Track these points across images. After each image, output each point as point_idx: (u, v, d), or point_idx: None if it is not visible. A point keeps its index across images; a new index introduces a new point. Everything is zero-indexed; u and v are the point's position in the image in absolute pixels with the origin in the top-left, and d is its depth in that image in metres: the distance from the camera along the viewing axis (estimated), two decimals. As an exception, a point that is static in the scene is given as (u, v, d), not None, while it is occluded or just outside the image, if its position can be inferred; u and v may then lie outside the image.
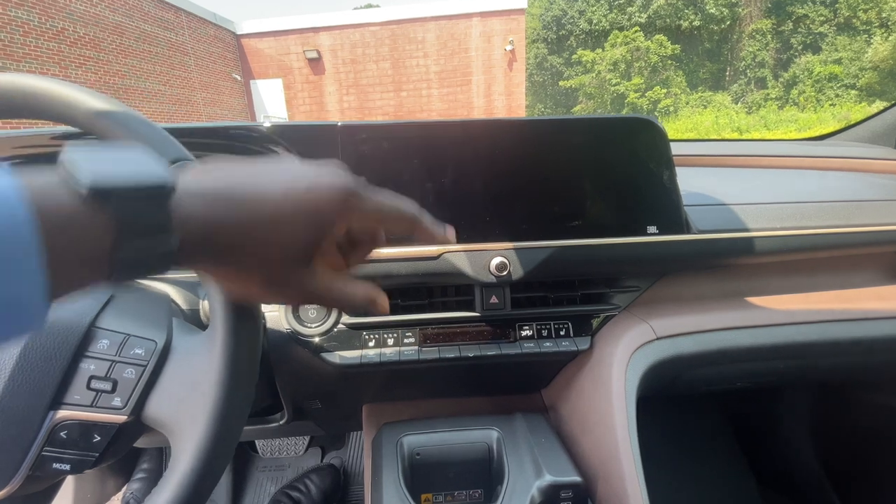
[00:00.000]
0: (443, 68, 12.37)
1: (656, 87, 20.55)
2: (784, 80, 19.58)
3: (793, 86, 19.05)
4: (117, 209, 0.22)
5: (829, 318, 0.69)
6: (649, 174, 0.63)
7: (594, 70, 21.95)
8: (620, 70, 21.20)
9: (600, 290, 0.69)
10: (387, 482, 0.58)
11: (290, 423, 0.77)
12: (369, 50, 12.37)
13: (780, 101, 19.22)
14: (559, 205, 0.62)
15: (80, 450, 0.40)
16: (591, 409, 0.63)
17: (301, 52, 12.37)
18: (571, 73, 23.98)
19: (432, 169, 0.60)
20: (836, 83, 17.83)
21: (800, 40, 19.77)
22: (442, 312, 0.66)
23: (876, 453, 0.99)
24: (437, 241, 0.37)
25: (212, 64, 11.11)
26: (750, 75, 21.20)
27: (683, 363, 0.66)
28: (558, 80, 24.95)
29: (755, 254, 0.66)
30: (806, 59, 19.07)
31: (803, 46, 19.73)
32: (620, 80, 21.10)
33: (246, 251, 0.27)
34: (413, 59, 12.37)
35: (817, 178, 0.86)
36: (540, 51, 26.36)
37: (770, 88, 20.13)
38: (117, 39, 8.43)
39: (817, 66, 18.27)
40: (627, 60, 21.03)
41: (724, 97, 20.39)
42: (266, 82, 12.64)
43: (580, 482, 0.56)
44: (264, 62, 12.46)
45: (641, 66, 20.97)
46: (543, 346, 0.65)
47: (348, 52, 12.43)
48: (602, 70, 21.48)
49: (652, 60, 20.77)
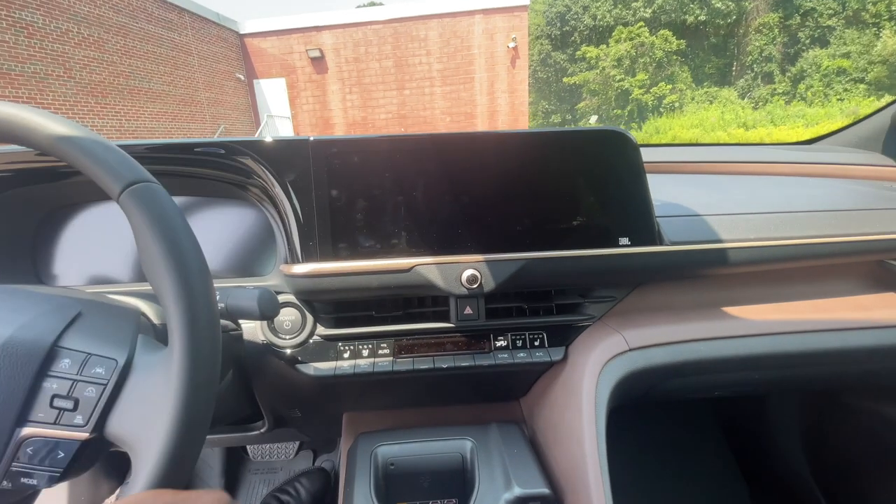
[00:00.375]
0: (445, 66, 12.34)
1: (661, 82, 20.37)
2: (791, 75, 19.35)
3: (800, 80, 18.81)
4: None
5: (806, 329, 0.69)
6: (621, 186, 0.63)
7: (598, 66, 21.79)
8: (625, 66, 21.04)
9: (575, 301, 0.69)
10: (357, 493, 0.59)
11: (271, 430, 0.78)
12: (372, 48, 12.36)
13: (787, 95, 18.99)
14: (531, 217, 0.62)
15: (47, 466, 0.41)
16: (563, 419, 0.64)
17: (304, 51, 12.39)
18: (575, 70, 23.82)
19: (403, 182, 0.61)
20: (844, 77, 17.57)
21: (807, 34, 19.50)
22: (417, 323, 0.67)
23: (863, 457, 0.99)
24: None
25: (215, 64, 11.16)
26: (756, 70, 20.97)
27: (656, 374, 0.66)
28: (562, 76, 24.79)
29: (728, 265, 0.66)
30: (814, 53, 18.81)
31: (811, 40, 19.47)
32: (625, 76, 20.93)
33: None
34: (416, 58, 12.35)
35: (798, 186, 0.86)
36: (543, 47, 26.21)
37: (777, 83, 19.88)
38: (121, 41, 8.49)
39: (825, 61, 18.02)
40: (632, 56, 20.86)
41: (731, 92, 20.17)
42: (269, 81, 12.68)
43: (548, 494, 0.57)
44: (267, 61, 12.49)
45: (646, 61, 20.80)
46: (517, 357, 0.66)
47: (351, 51, 12.43)
48: (606, 66, 21.32)
49: (657, 56, 20.58)
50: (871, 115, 1.03)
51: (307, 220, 0.61)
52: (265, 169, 0.61)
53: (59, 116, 0.42)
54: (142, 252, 0.40)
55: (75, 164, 0.40)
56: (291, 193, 0.61)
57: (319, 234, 0.61)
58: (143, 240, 0.39)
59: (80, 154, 0.40)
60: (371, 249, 0.62)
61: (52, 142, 0.40)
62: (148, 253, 0.39)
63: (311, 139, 0.61)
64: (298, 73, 12.63)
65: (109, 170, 0.40)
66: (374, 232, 0.61)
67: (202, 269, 0.41)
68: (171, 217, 0.40)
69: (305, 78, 12.70)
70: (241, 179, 0.64)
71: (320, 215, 0.61)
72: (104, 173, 0.40)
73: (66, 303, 0.45)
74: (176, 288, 0.38)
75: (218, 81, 11.27)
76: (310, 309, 0.67)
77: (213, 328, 0.40)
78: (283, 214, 0.62)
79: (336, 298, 0.65)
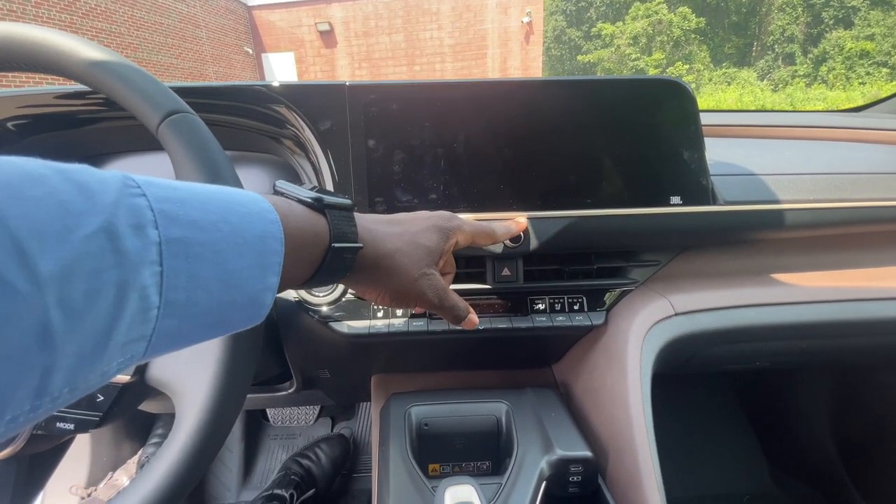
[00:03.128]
0: (457, 41, 12.07)
1: (678, 62, 19.79)
2: (813, 57, 18.70)
3: (822, 62, 18.19)
4: (331, 219, 0.31)
5: (860, 297, 0.66)
6: (674, 141, 0.59)
7: (613, 44, 21.20)
8: (641, 44, 20.44)
9: (617, 264, 0.66)
10: (394, 452, 0.57)
11: (299, 392, 0.77)
12: (382, 22, 12.10)
13: (808, 78, 18.40)
14: (577, 172, 0.59)
15: (84, 409, 0.40)
16: (605, 384, 0.62)
17: (313, 24, 12.15)
18: (590, 48, 23.20)
19: (443, 133, 0.58)
20: (867, 60, 16.96)
21: (831, 14, 18.75)
22: (452, 284, 0.64)
23: (894, 438, 0.97)
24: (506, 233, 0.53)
25: (223, 37, 11.00)
26: (778, 51, 20.27)
27: (702, 340, 0.64)
28: (577, 54, 24.17)
29: (786, 227, 0.62)
30: (837, 34, 18.11)
31: (835, 21, 18.73)
32: (641, 54, 20.36)
33: (397, 252, 0.36)
34: (427, 32, 12.08)
35: (851, 150, 0.81)
36: (558, 23, 25.51)
37: (798, 65, 19.23)
38: (129, 11, 8.37)
39: (849, 42, 17.36)
40: (649, 34, 20.24)
41: (750, 73, 19.57)
42: (278, 56, 12.50)
43: (591, 457, 0.55)
44: (276, 35, 12.29)
45: (663, 40, 20.18)
46: (556, 321, 0.64)
47: (361, 25, 12.18)
48: (622, 44, 20.73)
49: (674, 34, 19.95)
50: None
51: (342, 172, 0.58)
52: (298, 116, 0.58)
53: (92, 42, 0.39)
54: None
55: (111, 92, 0.38)
56: (326, 143, 0.58)
57: (355, 188, 0.58)
58: (184, 171, 0.36)
59: (116, 81, 0.37)
60: (408, 204, 0.59)
61: (86, 68, 0.37)
62: None
63: (348, 84, 0.57)
64: (307, 47, 12.43)
65: (149, 98, 0.37)
66: (412, 186, 0.59)
67: None
68: (213, 148, 0.38)
69: (314, 52, 12.49)
70: (272, 129, 0.61)
71: (356, 167, 0.58)
72: (143, 102, 0.37)
73: None
74: None
75: (226, 55, 11.13)
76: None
77: None
78: (317, 167, 0.60)
79: None
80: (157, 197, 0.21)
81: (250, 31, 12.00)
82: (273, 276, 0.26)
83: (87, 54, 0.37)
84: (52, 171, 0.18)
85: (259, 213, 0.26)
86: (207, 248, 0.22)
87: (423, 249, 0.38)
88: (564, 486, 0.55)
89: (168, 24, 9.30)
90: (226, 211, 0.24)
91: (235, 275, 0.24)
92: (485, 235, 0.47)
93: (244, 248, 0.24)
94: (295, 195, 0.32)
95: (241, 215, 0.25)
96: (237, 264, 0.24)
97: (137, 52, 8.60)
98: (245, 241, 0.24)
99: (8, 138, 0.61)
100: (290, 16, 12.06)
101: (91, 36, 7.63)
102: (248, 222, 0.25)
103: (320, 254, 0.30)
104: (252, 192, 0.28)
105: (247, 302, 0.25)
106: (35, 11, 6.68)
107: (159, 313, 0.20)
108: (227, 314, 0.24)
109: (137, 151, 0.69)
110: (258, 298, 0.26)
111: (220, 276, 0.23)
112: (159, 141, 0.37)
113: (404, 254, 0.37)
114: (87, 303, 0.17)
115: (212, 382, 0.36)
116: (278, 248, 0.26)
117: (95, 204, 0.19)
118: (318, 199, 0.31)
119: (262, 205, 0.27)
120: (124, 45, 8.29)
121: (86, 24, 7.54)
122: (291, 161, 0.65)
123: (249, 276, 0.25)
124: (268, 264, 0.26)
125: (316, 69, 12.61)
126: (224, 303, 0.24)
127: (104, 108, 0.59)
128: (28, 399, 0.16)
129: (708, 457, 1.22)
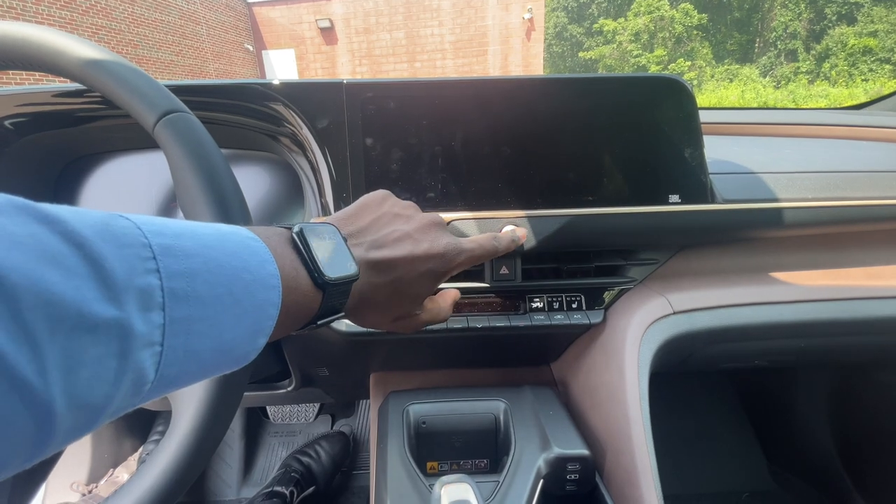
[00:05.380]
0: (458, 38, 12.03)
1: (680, 59, 19.70)
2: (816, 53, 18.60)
3: (825, 59, 18.09)
4: (327, 298, 0.30)
5: (858, 296, 0.66)
6: (674, 139, 0.59)
7: (615, 41, 21.11)
8: (643, 41, 20.35)
9: (615, 263, 0.66)
10: (392, 449, 0.58)
11: (298, 389, 0.77)
12: (383, 19, 12.06)
13: (810, 74, 18.31)
14: (576, 170, 0.59)
15: None
16: (603, 383, 0.62)
17: (313, 21, 12.12)
18: (592, 44, 23.10)
19: (442, 131, 0.58)
20: (870, 57, 16.86)
21: (834, 10, 18.64)
22: (450, 283, 0.64)
23: (893, 436, 0.97)
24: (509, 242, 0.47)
25: (224, 34, 10.97)
26: (780, 47, 20.17)
27: (700, 339, 0.64)
28: (578, 51, 24.06)
29: (785, 226, 0.62)
30: (840, 30, 18.00)
31: (838, 17, 18.62)
32: (642, 51, 20.27)
33: (384, 303, 0.36)
34: (428, 29, 12.04)
35: (852, 148, 0.81)
36: (560, 20, 25.40)
37: (801, 62, 19.13)
38: (129, 8, 8.35)
39: (851, 39, 17.26)
40: (651, 31, 20.15)
41: (752, 70, 19.47)
42: (278, 52, 12.48)
43: (588, 455, 0.55)
44: (276, 32, 12.26)
45: (665, 36, 20.09)
46: (554, 319, 0.64)
47: (361, 21, 12.14)
48: (623, 41, 20.64)
49: (676, 31, 19.86)
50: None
51: (340, 170, 0.58)
52: (295, 114, 0.58)
53: (89, 41, 0.39)
54: (178, 184, 0.37)
55: (107, 91, 0.38)
56: (324, 142, 0.58)
57: (353, 186, 0.58)
58: (180, 172, 0.36)
59: (112, 80, 0.37)
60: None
61: (82, 67, 0.37)
62: (185, 185, 0.37)
63: (345, 82, 0.57)
64: (308, 43, 12.40)
65: (144, 98, 0.37)
66: (409, 184, 0.58)
67: (242, 204, 0.38)
68: (209, 148, 0.38)
69: (315, 49, 12.46)
70: (270, 128, 0.61)
71: (354, 166, 0.58)
72: (139, 101, 0.37)
73: None
74: (216, 221, 0.36)
75: (227, 52, 11.11)
76: (341, 265, 0.65)
77: None
78: (314, 165, 0.60)
79: None
80: (170, 272, 0.21)
81: (250, 28, 11.98)
82: (263, 338, 0.26)
83: (82, 53, 0.37)
84: (71, 246, 0.17)
85: (264, 279, 0.25)
86: (207, 323, 0.22)
87: (408, 298, 0.37)
88: (562, 484, 0.55)
89: (168, 21, 9.28)
90: (232, 281, 0.23)
91: (228, 343, 0.24)
92: (487, 257, 0.45)
93: (242, 318, 0.24)
94: (309, 254, 0.29)
95: (246, 284, 0.24)
96: (232, 334, 0.24)
97: (137, 49, 8.58)
98: (244, 311, 0.24)
99: (6, 137, 0.61)
100: (290, 12, 12.03)
101: (91, 33, 7.62)
102: (251, 292, 0.24)
103: (303, 321, 0.30)
104: (260, 245, 0.26)
105: (232, 361, 0.25)
106: (35, 8, 6.67)
107: (151, 386, 0.20)
108: (211, 373, 0.24)
109: (136, 150, 0.69)
110: (244, 357, 0.26)
111: (215, 346, 0.23)
112: (155, 140, 0.37)
113: (388, 303, 0.36)
114: (88, 389, 0.17)
115: (208, 380, 0.36)
116: (273, 314, 0.26)
117: (110, 289, 0.18)
118: (321, 274, 0.29)
119: (269, 268, 0.26)
120: (124, 42, 8.28)
121: (85, 21, 7.53)
122: (289, 159, 0.65)
123: (241, 343, 0.25)
124: (260, 329, 0.25)
125: (316, 66, 12.58)
126: (211, 367, 0.24)
127: (102, 106, 0.59)
128: (19, 464, 0.16)
129: (707, 455, 1.22)
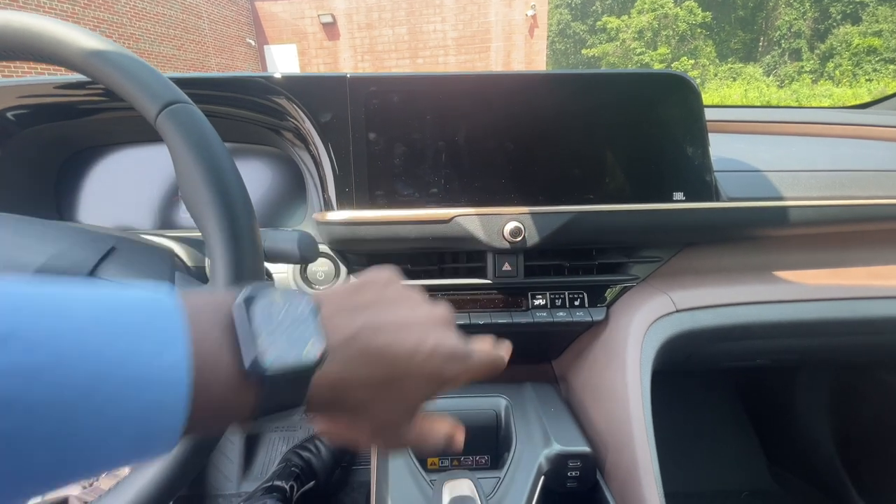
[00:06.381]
0: (461, 34, 11.97)
1: (683, 57, 19.61)
2: (820, 53, 18.50)
3: (829, 58, 17.99)
4: (266, 390, 0.21)
5: (861, 295, 0.66)
6: (678, 136, 0.59)
7: (618, 38, 21.02)
8: (646, 38, 20.25)
9: (619, 260, 0.66)
10: (393, 445, 0.57)
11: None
12: (385, 14, 12.00)
13: (814, 74, 18.21)
14: (580, 166, 0.58)
15: None
16: (604, 380, 0.62)
17: (315, 16, 12.07)
18: (595, 42, 23.00)
19: (445, 126, 0.57)
20: (874, 57, 16.77)
21: (839, 9, 18.54)
22: (453, 279, 0.64)
23: (893, 436, 0.97)
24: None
25: (226, 28, 10.93)
26: (784, 46, 20.06)
27: (703, 337, 0.64)
28: (581, 48, 23.98)
29: (789, 225, 0.62)
30: (844, 29, 17.90)
31: (842, 16, 18.52)
32: (646, 49, 20.18)
33: (368, 406, 0.26)
34: (430, 25, 11.98)
35: (857, 147, 0.80)
36: (563, 17, 25.29)
37: (805, 61, 19.03)
38: (131, 1, 8.32)
39: (856, 38, 17.15)
40: (654, 28, 20.05)
41: (756, 69, 19.37)
42: (280, 48, 12.43)
43: (589, 452, 0.55)
44: (278, 27, 12.20)
45: (669, 34, 19.99)
46: (557, 316, 0.63)
47: (364, 17, 12.09)
48: (627, 38, 20.55)
49: (680, 29, 19.76)
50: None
51: (343, 165, 0.58)
52: (298, 108, 0.58)
53: (91, 32, 0.38)
54: (180, 176, 0.37)
55: (109, 82, 0.37)
56: (327, 136, 0.58)
57: (356, 181, 0.58)
58: (183, 163, 0.36)
59: (114, 71, 0.37)
60: (409, 198, 0.58)
61: (84, 57, 0.37)
62: (187, 177, 0.36)
63: (349, 76, 0.57)
64: (310, 39, 12.35)
65: (146, 88, 0.37)
66: (413, 179, 0.58)
67: (245, 196, 0.38)
68: (212, 140, 0.37)
69: (317, 44, 12.42)
70: (273, 122, 0.61)
71: (357, 160, 0.58)
72: (141, 92, 0.37)
73: (99, 237, 0.43)
74: (218, 213, 0.36)
75: (228, 46, 11.07)
76: (343, 260, 0.65)
77: (256, 257, 0.38)
78: (317, 160, 0.59)
79: (371, 249, 0.62)
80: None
81: (252, 23, 11.93)
82: (162, 446, 0.20)
83: (85, 43, 0.37)
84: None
85: (156, 373, 0.18)
86: (44, 436, 0.16)
87: (402, 404, 0.28)
88: (563, 480, 0.55)
89: (170, 15, 9.24)
90: (96, 380, 0.17)
91: (88, 458, 0.18)
92: (494, 368, 0.34)
93: (113, 429, 0.18)
94: (244, 332, 0.21)
95: (122, 382, 0.18)
96: (94, 449, 0.18)
97: (139, 42, 8.55)
98: (113, 420, 0.18)
99: (7, 128, 0.61)
100: (292, 7, 11.98)
101: (92, 26, 7.59)
102: (126, 394, 0.18)
103: (235, 419, 0.22)
104: (170, 323, 0.19)
105: (111, 467, 0.20)
106: (37, 1, 6.65)
107: None
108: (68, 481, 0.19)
109: (137, 143, 0.69)
110: (144, 456, 0.20)
111: (61, 460, 0.17)
112: (158, 131, 0.37)
113: (373, 406, 0.26)
114: None
115: None
116: (171, 420, 0.19)
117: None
118: (255, 362, 0.20)
119: (170, 356, 0.19)
120: (126, 36, 8.25)
121: (87, 14, 7.50)
122: (292, 153, 0.65)
123: (120, 454, 0.19)
124: (151, 435, 0.19)
125: (319, 62, 12.53)
126: (63, 479, 0.18)
127: (104, 98, 0.59)
128: None
129: (707, 453, 1.22)
